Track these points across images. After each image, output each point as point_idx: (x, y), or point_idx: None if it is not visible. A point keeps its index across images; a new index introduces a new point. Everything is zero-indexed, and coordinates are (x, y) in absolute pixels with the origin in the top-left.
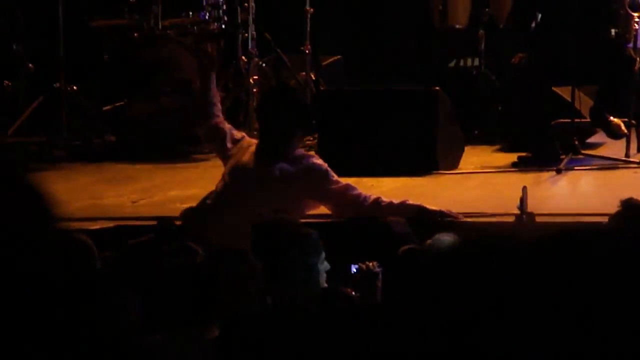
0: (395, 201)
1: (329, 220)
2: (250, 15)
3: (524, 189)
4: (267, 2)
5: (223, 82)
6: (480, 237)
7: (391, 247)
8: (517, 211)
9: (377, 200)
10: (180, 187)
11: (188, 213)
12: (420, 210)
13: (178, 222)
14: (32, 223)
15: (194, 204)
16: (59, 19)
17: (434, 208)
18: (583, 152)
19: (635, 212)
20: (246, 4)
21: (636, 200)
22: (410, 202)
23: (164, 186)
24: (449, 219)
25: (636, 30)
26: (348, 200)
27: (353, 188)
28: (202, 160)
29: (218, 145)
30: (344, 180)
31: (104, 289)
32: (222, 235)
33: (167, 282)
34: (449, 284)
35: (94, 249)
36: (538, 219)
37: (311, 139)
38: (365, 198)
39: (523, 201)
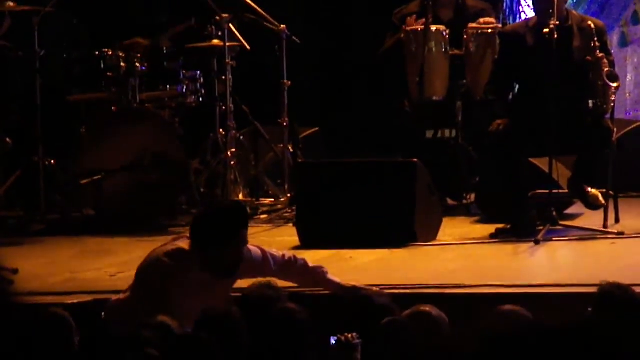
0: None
1: (308, 291)
2: (228, 88)
3: None
4: (244, 75)
5: (201, 155)
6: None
7: (373, 319)
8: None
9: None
10: None
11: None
12: (336, 287)
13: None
14: None
15: None
16: (36, 93)
17: (349, 284)
18: (561, 223)
19: (610, 300)
20: (223, 77)
21: (612, 284)
22: (330, 276)
23: (142, 260)
24: (365, 294)
25: (614, 101)
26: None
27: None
28: (179, 233)
29: None
30: (321, 253)
31: None
32: None
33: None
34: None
35: (72, 323)
36: (515, 290)
37: (289, 211)
38: (293, 259)
39: None
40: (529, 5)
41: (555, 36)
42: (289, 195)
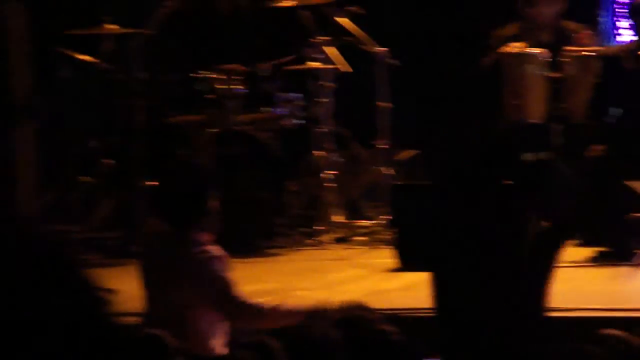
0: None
1: (404, 313)
2: (327, 110)
3: None
4: (343, 97)
5: (298, 177)
6: None
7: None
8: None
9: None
10: (256, 282)
11: None
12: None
13: None
14: (86, 318)
15: (270, 298)
16: (136, 115)
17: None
18: None
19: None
20: (322, 99)
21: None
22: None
23: (240, 281)
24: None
25: None
26: None
27: None
28: (276, 254)
29: None
30: (421, 275)
31: None
32: None
33: None
34: None
35: (170, 344)
36: (615, 314)
37: (387, 233)
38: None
39: None
40: (626, 28)
41: None
42: (387, 217)
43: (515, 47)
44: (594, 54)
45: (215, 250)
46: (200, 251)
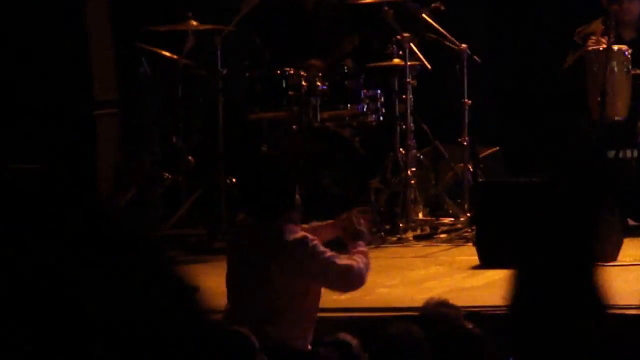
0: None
1: (485, 310)
2: (408, 107)
3: None
4: (424, 94)
5: (381, 174)
6: None
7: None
8: None
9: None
10: None
11: None
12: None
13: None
14: (182, 317)
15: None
16: (218, 111)
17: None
18: None
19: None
20: (404, 96)
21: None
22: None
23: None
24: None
25: None
26: None
27: None
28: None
29: None
30: (502, 272)
31: None
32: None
33: None
34: None
35: (255, 343)
36: None
37: (469, 230)
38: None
39: None
40: None
41: None
42: (468, 214)
43: (598, 43)
44: None
45: (303, 235)
46: (291, 239)
